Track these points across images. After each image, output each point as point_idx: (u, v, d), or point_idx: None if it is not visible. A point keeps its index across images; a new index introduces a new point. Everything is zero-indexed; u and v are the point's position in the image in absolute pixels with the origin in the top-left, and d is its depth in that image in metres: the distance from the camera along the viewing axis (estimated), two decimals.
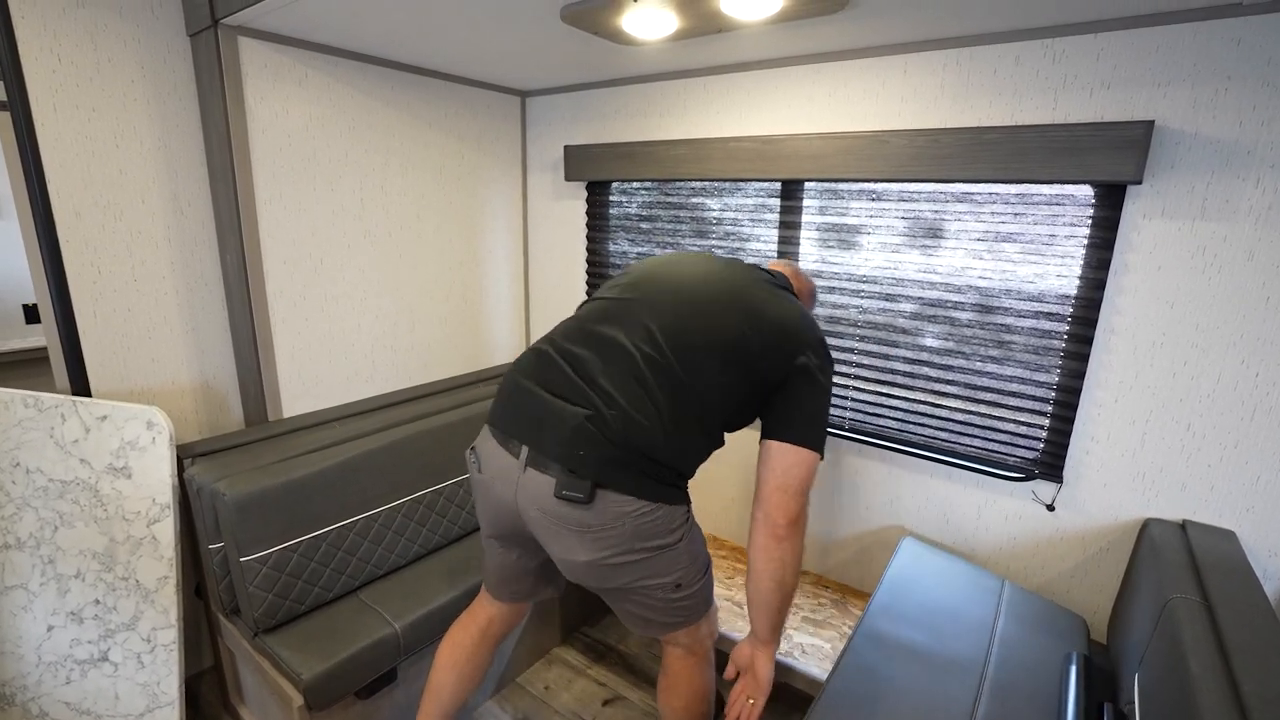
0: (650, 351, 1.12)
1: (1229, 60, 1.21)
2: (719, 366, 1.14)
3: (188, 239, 1.64)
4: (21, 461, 1.40)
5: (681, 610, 1.23)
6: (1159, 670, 1.04)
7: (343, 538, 1.58)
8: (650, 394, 1.10)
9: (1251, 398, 1.28)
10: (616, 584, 1.16)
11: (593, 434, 1.06)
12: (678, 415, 1.11)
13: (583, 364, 1.14)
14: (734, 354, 1.15)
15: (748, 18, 1.32)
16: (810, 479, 1.15)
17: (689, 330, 1.15)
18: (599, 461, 1.06)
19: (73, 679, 1.43)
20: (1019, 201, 1.48)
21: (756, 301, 1.20)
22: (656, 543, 1.13)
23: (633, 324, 1.16)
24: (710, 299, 1.20)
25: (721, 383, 1.14)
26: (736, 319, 1.17)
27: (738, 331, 1.15)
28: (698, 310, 1.18)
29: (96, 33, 1.43)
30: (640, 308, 1.19)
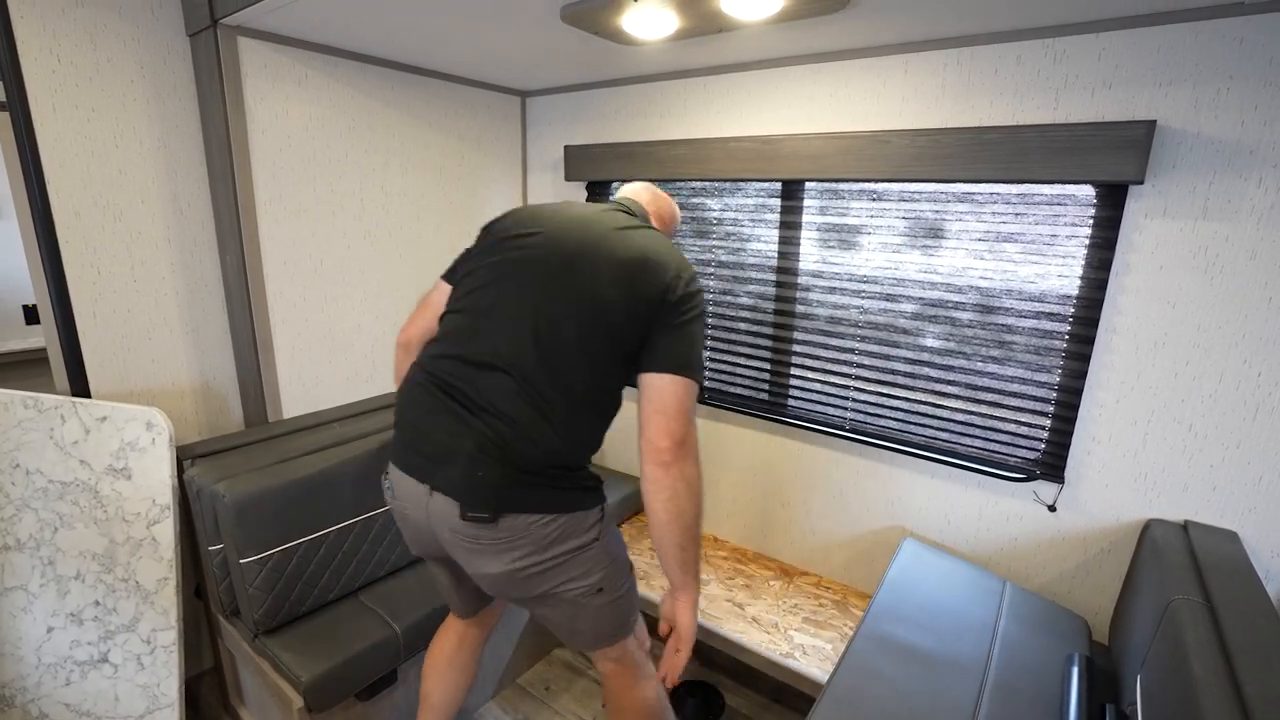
0: (530, 362, 1.09)
1: (1231, 60, 1.20)
2: (597, 347, 1.11)
3: (187, 239, 1.64)
4: (21, 463, 1.40)
5: (607, 619, 1.21)
6: (1161, 672, 1.04)
7: (343, 539, 1.57)
8: (539, 406, 1.08)
9: (1254, 398, 1.28)
10: (537, 591, 1.14)
11: (487, 463, 1.06)
12: (570, 414, 1.10)
13: (466, 394, 1.11)
14: (608, 328, 1.11)
15: (748, 17, 1.32)
16: (689, 403, 1.09)
17: (560, 327, 1.10)
18: (497, 489, 1.06)
19: (72, 680, 1.43)
20: (1020, 201, 1.48)
21: (616, 261, 1.13)
22: (571, 544, 1.12)
23: (505, 336, 1.12)
24: (573, 283, 1.12)
25: (604, 360, 1.12)
26: (604, 292, 1.10)
27: (608, 304, 1.10)
28: (565, 300, 1.11)
29: (96, 33, 1.42)
30: (508, 312, 1.13)
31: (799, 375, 1.90)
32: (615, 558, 1.20)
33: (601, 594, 1.17)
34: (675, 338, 1.10)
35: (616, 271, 1.12)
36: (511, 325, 1.12)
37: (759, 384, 1.99)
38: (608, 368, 1.13)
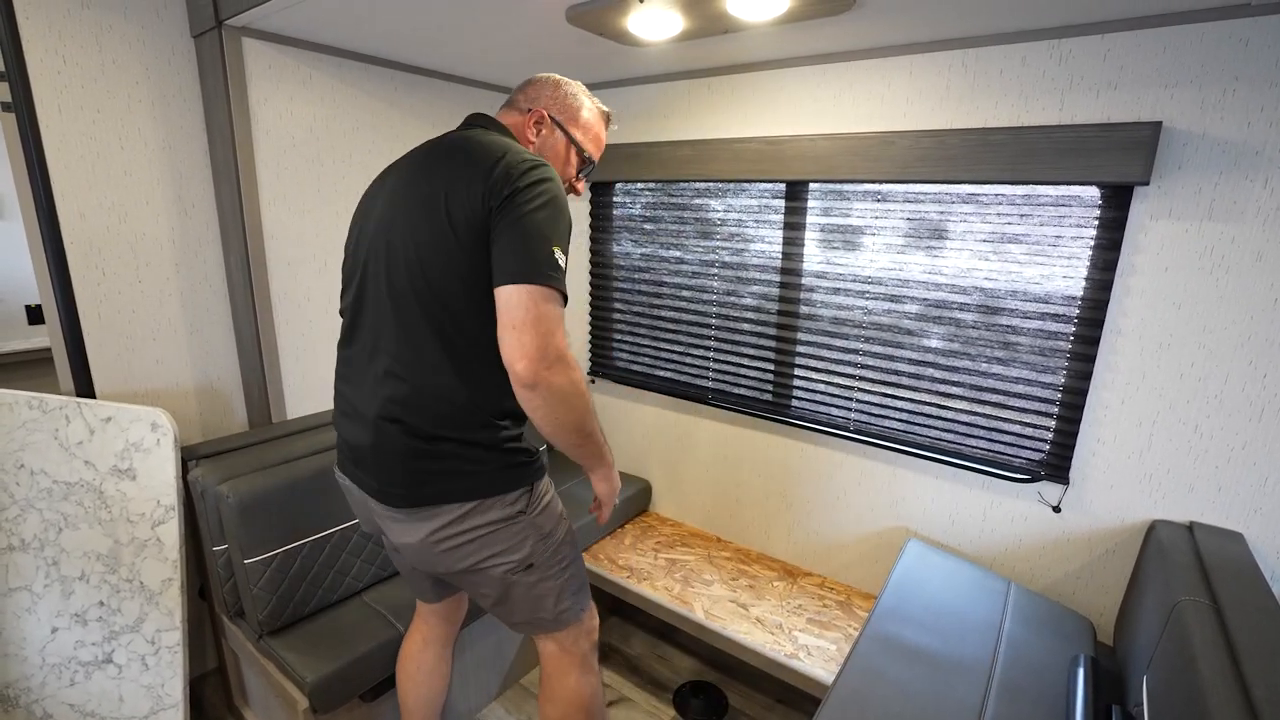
0: (389, 329, 1.04)
1: (1236, 61, 1.21)
2: (433, 279, 1.00)
3: (192, 240, 1.64)
4: (26, 463, 1.40)
5: (542, 599, 1.15)
6: (1168, 673, 1.04)
7: (346, 540, 1.57)
8: (407, 370, 1.02)
9: (1259, 399, 1.28)
10: (460, 566, 1.10)
11: (385, 461, 1.05)
12: (457, 379, 1.02)
13: (354, 391, 1.11)
14: (434, 253, 1.00)
15: (754, 19, 1.32)
16: (540, 311, 0.94)
17: (400, 277, 1.02)
18: (405, 487, 1.05)
19: (77, 681, 1.43)
20: (1025, 202, 1.48)
21: (426, 175, 1.03)
22: (491, 517, 1.07)
23: (367, 322, 1.09)
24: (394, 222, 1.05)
25: (448, 296, 1.00)
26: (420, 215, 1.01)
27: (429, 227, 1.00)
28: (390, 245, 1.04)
29: (101, 34, 1.42)
30: (363, 296, 1.11)
31: (803, 376, 1.90)
32: (548, 533, 1.14)
33: (532, 570, 1.12)
34: (509, 238, 0.96)
35: (427, 186, 1.01)
36: (368, 301, 1.09)
37: (763, 384, 1.99)
38: (456, 303, 1.00)
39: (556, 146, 1.18)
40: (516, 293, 0.94)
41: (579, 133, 1.19)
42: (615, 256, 2.25)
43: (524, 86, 1.21)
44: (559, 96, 1.18)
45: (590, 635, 1.25)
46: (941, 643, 1.33)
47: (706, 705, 1.82)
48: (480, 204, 0.97)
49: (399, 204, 1.05)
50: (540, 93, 1.18)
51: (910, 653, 1.30)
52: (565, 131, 1.18)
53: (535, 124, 1.16)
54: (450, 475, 1.05)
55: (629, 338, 2.29)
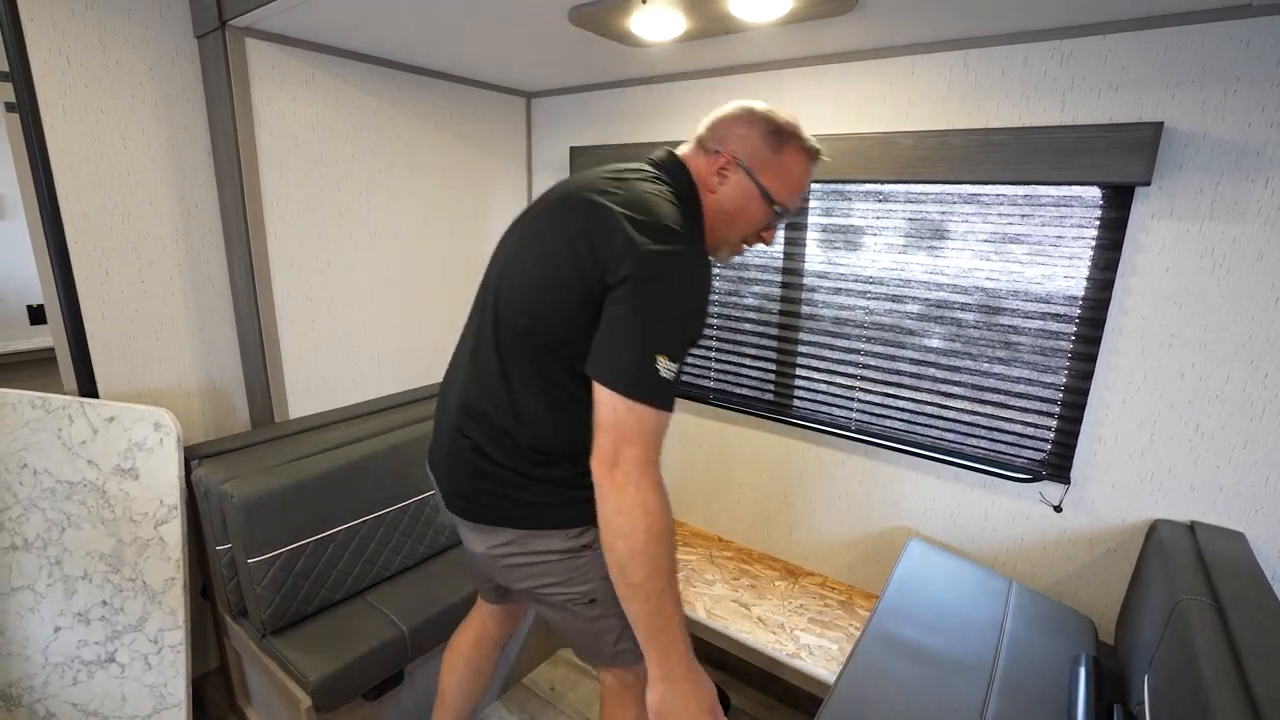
0: (476, 323, 1.03)
1: (1238, 62, 1.21)
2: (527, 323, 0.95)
3: (195, 240, 1.64)
4: (29, 463, 1.40)
5: (604, 634, 1.09)
6: (1169, 672, 1.04)
7: (350, 539, 1.57)
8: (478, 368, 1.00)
9: (1261, 398, 1.28)
10: (520, 585, 1.09)
11: (466, 461, 1.03)
12: (538, 422, 0.97)
13: (452, 384, 1.10)
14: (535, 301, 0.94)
15: (757, 19, 1.32)
16: (622, 421, 0.84)
17: (507, 317, 0.98)
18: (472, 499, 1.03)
19: (80, 680, 1.43)
20: (1026, 203, 1.48)
21: (557, 218, 0.96)
22: (553, 547, 1.03)
23: (475, 332, 1.07)
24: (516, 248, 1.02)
25: (536, 343, 0.95)
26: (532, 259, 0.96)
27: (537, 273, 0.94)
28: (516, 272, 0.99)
29: (105, 35, 1.43)
30: (478, 307, 1.08)
31: (804, 376, 1.91)
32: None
33: (595, 605, 1.06)
34: (607, 326, 0.87)
35: (554, 237, 0.94)
36: (481, 318, 1.06)
37: (764, 384, 1.99)
38: (543, 353, 0.95)
39: (741, 197, 1.01)
40: (601, 393, 0.87)
41: (771, 180, 1.01)
42: None
43: (715, 121, 1.04)
44: (751, 136, 1.00)
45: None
46: (943, 642, 1.33)
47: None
48: (598, 276, 0.88)
49: (528, 245, 1.00)
50: (730, 131, 1.01)
51: (912, 651, 1.30)
52: (755, 180, 1.00)
53: (720, 171, 1.00)
54: (511, 502, 1.01)
55: None
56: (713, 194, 1.01)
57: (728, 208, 1.02)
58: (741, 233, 1.06)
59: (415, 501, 1.72)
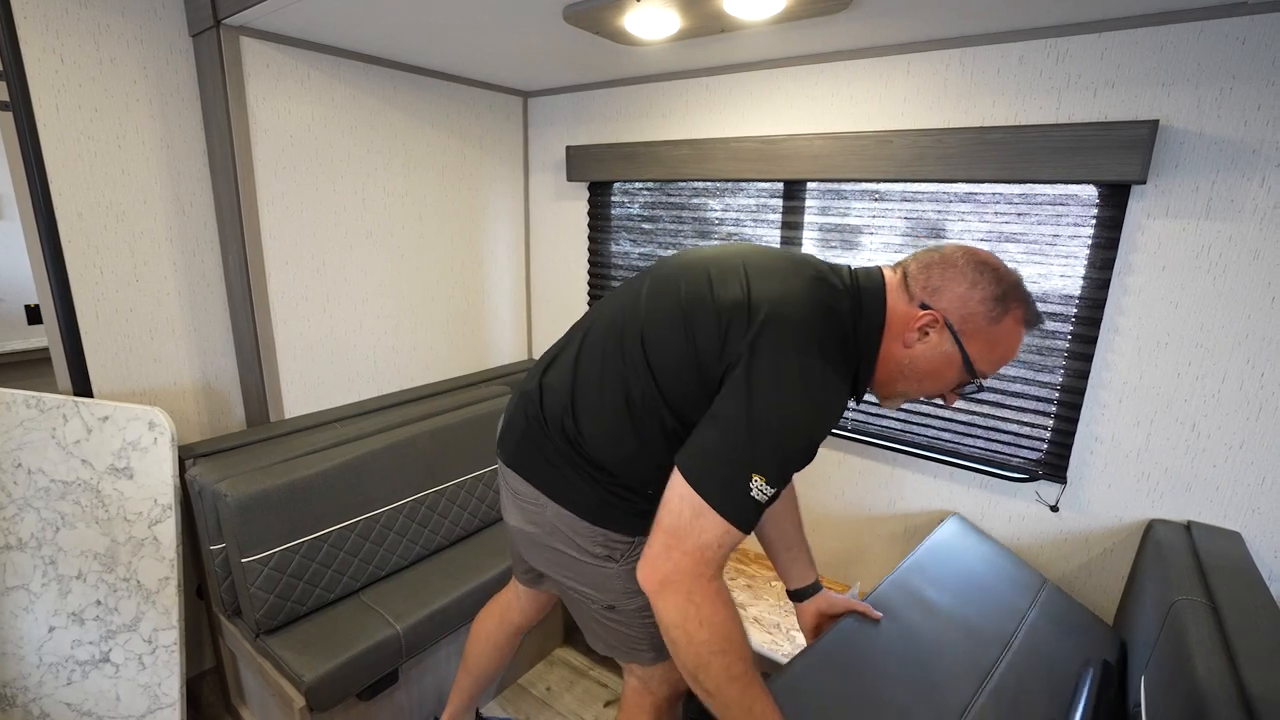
0: (597, 330, 1.01)
1: (1233, 60, 1.20)
2: (663, 335, 0.91)
3: (190, 239, 1.64)
4: (23, 462, 1.40)
5: (623, 638, 1.10)
6: (1165, 672, 1.04)
7: (344, 539, 1.57)
8: (578, 370, 0.99)
9: (1257, 397, 1.28)
10: (549, 571, 1.12)
11: (522, 417, 1.06)
12: (603, 396, 0.95)
13: (553, 351, 1.10)
14: (675, 320, 0.90)
15: (751, 18, 1.32)
16: (688, 525, 0.79)
17: (639, 307, 0.96)
18: (518, 444, 1.07)
19: (74, 680, 1.43)
20: (1022, 201, 1.48)
21: (728, 275, 0.90)
22: (580, 547, 1.02)
23: (604, 310, 1.04)
24: (677, 272, 0.96)
25: (662, 357, 0.91)
26: (688, 288, 0.92)
27: (683, 300, 0.91)
28: (658, 285, 0.97)
29: (99, 33, 1.43)
30: (622, 295, 1.04)
31: None
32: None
33: (613, 611, 1.08)
34: (715, 425, 0.82)
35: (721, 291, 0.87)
36: (608, 308, 1.03)
37: None
38: (672, 392, 0.91)
39: (939, 361, 0.90)
40: (682, 488, 0.80)
41: (979, 349, 0.89)
42: (613, 256, 2.25)
43: (932, 261, 0.91)
44: (971, 299, 0.88)
45: (676, 685, 1.15)
46: (962, 608, 1.30)
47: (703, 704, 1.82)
48: (720, 344, 0.84)
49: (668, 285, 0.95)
50: (947, 285, 0.89)
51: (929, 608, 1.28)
52: (960, 346, 0.88)
53: (922, 328, 0.89)
54: (544, 464, 1.02)
55: None
56: (905, 349, 0.91)
57: (919, 367, 0.91)
58: (924, 392, 0.96)
59: (410, 501, 1.72)
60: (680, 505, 0.80)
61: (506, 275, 2.41)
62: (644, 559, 0.83)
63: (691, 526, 0.79)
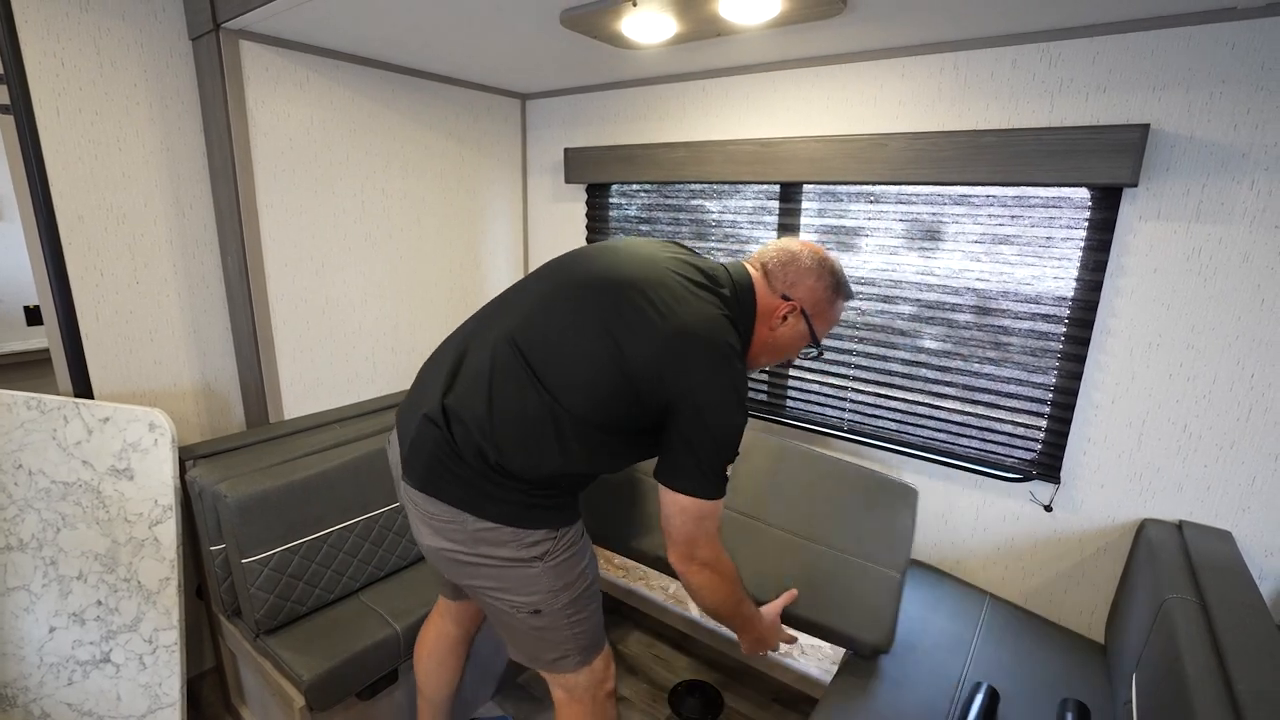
0: (505, 353, 1.02)
1: (1223, 64, 1.22)
2: (575, 359, 0.99)
3: (190, 242, 1.65)
4: (24, 463, 1.41)
5: (546, 645, 1.11)
6: (1156, 670, 1.05)
7: (344, 539, 1.58)
8: (495, 401, 0.99)
9: (1247, 398, 1.29)
10: (470, 583, 1.10)
11: (427, 440, 1.03)
12: (520, 415, 0.99)
13: (446, 366, 1.07)
14: (592, 350, 0.98)
15: (746, 22, 1.33)
16: (691, 528, 1.01)
17: (549, 329, 1.02)
18: (428, 468, 1.03)
19: (74, 680, 1.44)
20: (1016, 204, 1.49)
21: (639, 302, 0.99)
22: (505, 554, 1.04)
23: (502, 322, 1.06)
24: (580, 290, 1.03)
25: (577, 378, 0.99)
26: (598, 314, 1.00)
27: (598, 328, 0.99)
28: (562, 304, 1.03)
29: (99, 37, 1.44)
30: (515, 303, 1.09)
31: (797, 376, 1.92)
32: (566, 584, 1.08)
33: (539, 615, 1.08)
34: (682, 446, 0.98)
35: (635, 324, 0.97)
36: (515, 314, 1.06)
37: (757, 384, 2.00)
38: (583, 407, 0.99)
39: (794, 337, 1.15)
40: (678, 503, 1.00)
41: (820, 325, 1.16)
42: None
43: (787, 260, 1.13)
44: (819, 289, 1.12)
45: (603, 685, 1.19)
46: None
47: (702, 704, 1.83)
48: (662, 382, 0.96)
49: (579, 328, 1.00)
50: (803, 280, 1.12)
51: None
52: (810, 324, 1.14)
53: (784, 315, 1.12)
54: (466, 484, 1.02)
55: None
56: (771, 331, 1.13)
57: (779, 344, 1.15)
58: (778, 360, 1.21)
59: None
60: (684, 517, 1.01)
61: (505, 277, 2.42)
62: (674, 552, 1.05)
63: (699, 528, 1.02)
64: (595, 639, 1.17)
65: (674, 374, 0.96)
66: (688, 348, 0.97)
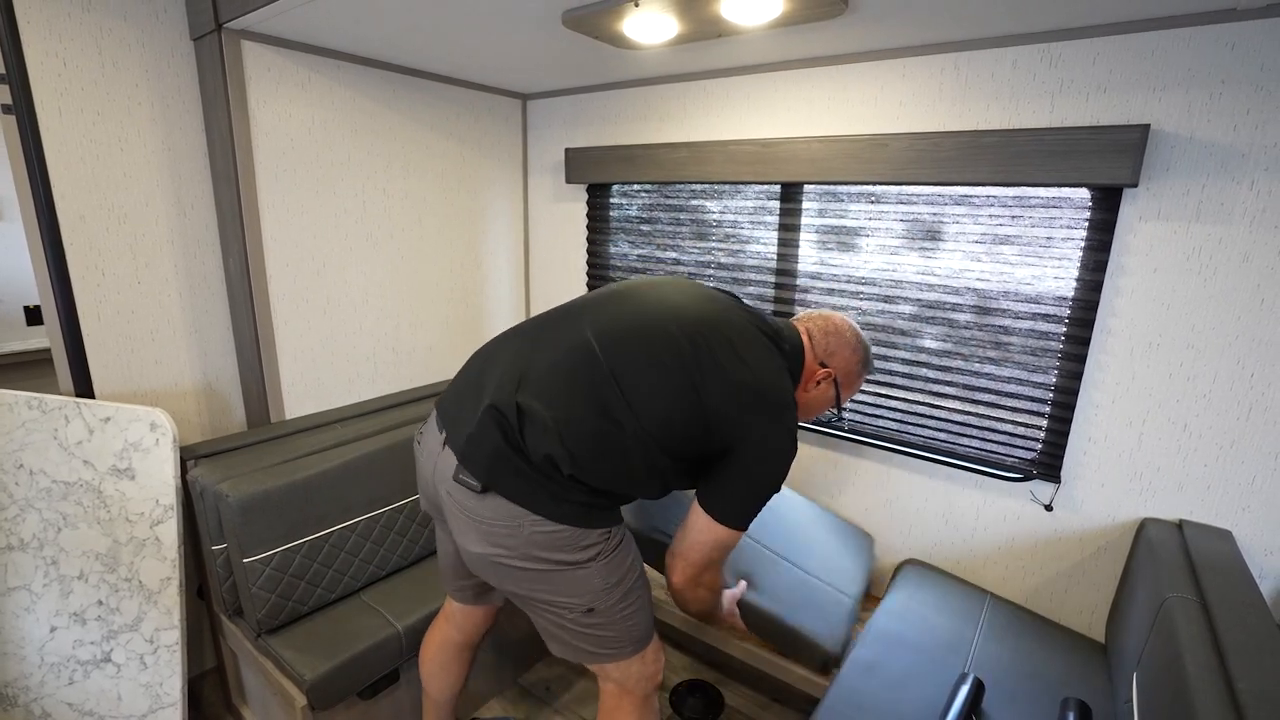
0: (592, 366, 1.04)
1: (1223, 65, 1.22)
2: (659, 387, 1.04)
3: (191, 242, 1.65)
4: (25, 463, 1.41)
5: (600, 640, 1.11)
6: (1156, 669, 1.05)
7: (345, 539, 1.58)
8: (576, 407, 1.02)
9: (1247, 398, 1.29)
10: (517, 590, 1.09)
11: (494, 433, 1.02)
12: (598, 430, 1.02)
13: (516, 359, 1.08)
14: (677, 383, 1.04)
15: (748, 22, 1.33)
16: (711, 553, 1.11)
17: (631, 342, 1.06)
18: (491, 461, 1.02)
19: (75, 680, 1.44)
20: (1016, 204, 1.49)
21: (715, 342, 1.07)
22: (559, 557, 1.04)
23: (577, 333, 1.08)
24: (668, 323, 1.09)
25: (658, 406, 1.03)
26: (686, 349, 1.06)
27: (683, 361, 1.05)
28: (646, 325, 1.08)
29: (101, 37, 1.44)
30: (592, 316, 1.12)
31: None
32: (616, 582, 1.09)
33: (592, 614, 1.09)
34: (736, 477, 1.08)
35: (713, 365, 1.05)
36: (600, 319, 1.10)
37: None
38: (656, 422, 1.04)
39: (822, 399, 1.26)
40: (710, 526, 1.08)
41: (845, 393, 1.27)
42: (612, 258, 2.27)
43: (830, 331, 1.25)
44: (852, 361, 1.25)
45: (652, 679, 1.20)
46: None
47: (703, 704, 1.83)
48: (734, 423, 1.05)
49: (661, 371, 1.05)
50: (840, 350, 1.24)
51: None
52: (838, 391, 1.26)
53: (819, 381, 1.23)
54: (530, 480, 1.02)
55: None
56: (805, 392, 1.23)
57: (809, 404, 1.26)
58: (805, 419, 1.29)
59: (411, 501, 1.73)
60: (702, 539, 1.09)
61: (505, 277, 2.42)
62: (679, 565, 1.13)
63: (716, 554, 1.12)
64: (648, 627, 1.18)
65: (747, 416, 1.06)
66: (761, 395, 1.07)
